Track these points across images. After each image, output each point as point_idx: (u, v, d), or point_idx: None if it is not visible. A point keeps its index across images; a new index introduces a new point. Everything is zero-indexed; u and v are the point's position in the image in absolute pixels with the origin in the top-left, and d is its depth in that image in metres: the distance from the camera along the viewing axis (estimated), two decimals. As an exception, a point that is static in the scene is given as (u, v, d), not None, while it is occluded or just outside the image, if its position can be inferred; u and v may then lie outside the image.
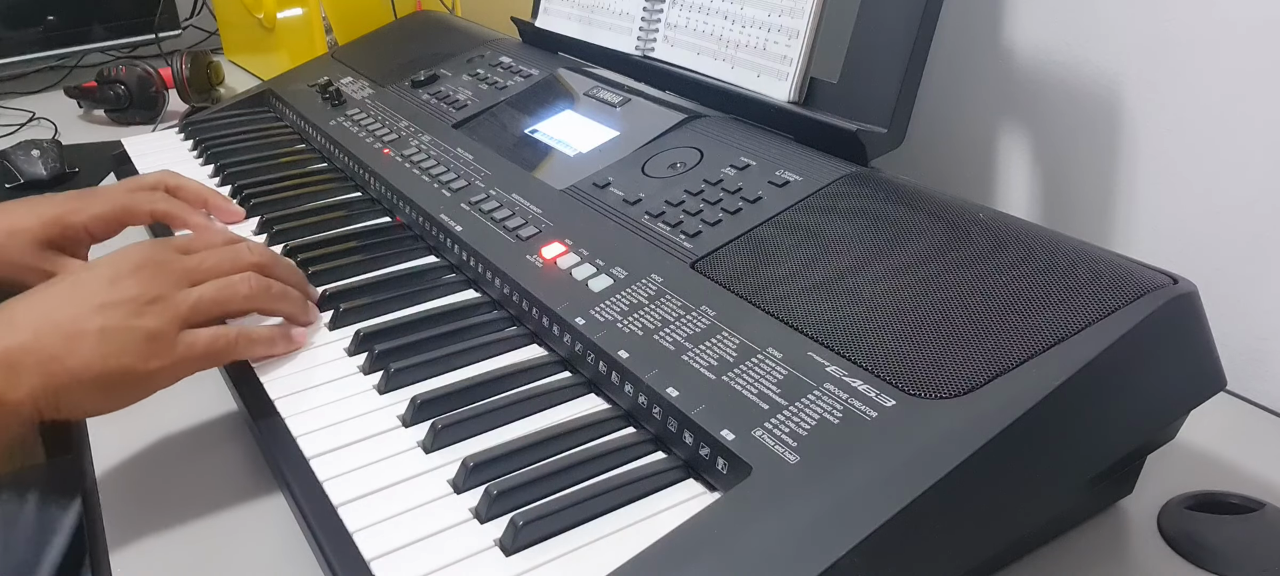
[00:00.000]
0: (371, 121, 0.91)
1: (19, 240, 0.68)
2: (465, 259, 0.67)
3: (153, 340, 0.51)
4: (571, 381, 0.55)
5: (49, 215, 0.69)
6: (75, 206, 0.71)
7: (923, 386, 0.44)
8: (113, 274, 0.53)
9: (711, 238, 0.59)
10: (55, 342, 0.49)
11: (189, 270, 0.55)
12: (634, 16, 0.84)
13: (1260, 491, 0.54)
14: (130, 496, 0.54)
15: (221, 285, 0.56)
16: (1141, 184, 0.71)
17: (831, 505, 0.40)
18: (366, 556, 0.43)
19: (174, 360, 0.52)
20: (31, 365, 0.48)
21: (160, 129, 1.19)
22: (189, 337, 0.53)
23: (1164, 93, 0.68)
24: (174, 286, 0.54)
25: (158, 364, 0.51)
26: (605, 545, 0.44)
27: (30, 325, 0.49)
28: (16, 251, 0.68)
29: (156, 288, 0.53)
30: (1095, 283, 0.47)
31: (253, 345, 0.57)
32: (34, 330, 0.49)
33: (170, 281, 0.54)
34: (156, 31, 1.42)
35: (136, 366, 0.51)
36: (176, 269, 0.55)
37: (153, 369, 0.51)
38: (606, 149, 0.73)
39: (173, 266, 0.55)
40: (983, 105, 0.81)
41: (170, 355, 0.52)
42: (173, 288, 0.54)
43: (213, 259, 0.57)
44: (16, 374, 0.47)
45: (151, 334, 0.51)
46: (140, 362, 0.51)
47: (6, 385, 0.47)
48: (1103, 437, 0.46)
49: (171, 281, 0.54)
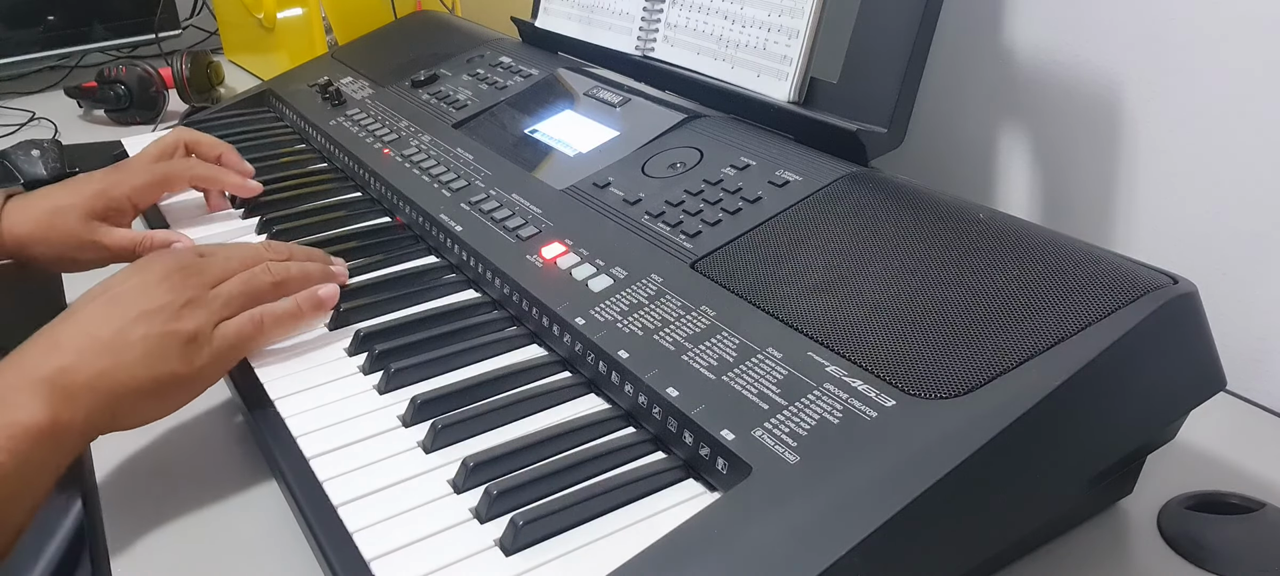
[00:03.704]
0: (371, 121, 0.91)
1: (66, 217, 0.72)
2: (465, 259, 0.67)
3: (192, 341, 0.53)
4: (571, 381, 0.55)
5: (92, 190, 0.74)
6: (117, 180, 0.76)
7: (923, 386, 0.44)
8: (142, 284, 0.54)
9: (711, 238, 0.59)
10: (101, 359, 0.50)
11: (212, 270, 0.57)
12: (634, 16, 0.84)
13: (1260, 491, 0.54)
14: (130, 497, 0.54)
15: (246, 277, 0.58)
16: (1141, 184, 0.71)
17: (831, 505, 0.40)
18: (366, 556, 0.43)
19: (214, 356, 0.54)
20: (82, 385, 0.49)
21: (160, 129, 1.19)
22: (223, 330, 0.55)
23: (1164, 93, 0.68)
24: (202, 288, 0.55)
25: (201, 363, 0.53)
26: (605, 545, 0.44)
27: (74, 346, 0.50)
28: (65, 227, 0.72)
29: (187, 292, 0.54)
30: (1095, 283, 0.47)
31: (279, 321, 0.58)
32: (77, 350, 0.50)
33: (198, 284, 0.55)
34: (156, 31, 1.42)
35: (181, 370, 0.52)
36: (201, 271, 0.56)
37: (197, 368, 0.53)
38: (606, 149, 0.73)
39: (197, 270, 0.56)
40: (983, 105, 0.81)
41: (209, 351, 0.53)
42: (201, 289, 0.55)
43: (235, 256, 0.59)
44: (71, 397, 0.48)
45: (190, 336, 0.53)
46: (184, 365, 0.52)
47: (63, 409, 0.48)
48: (1103, 437, 0.46)
49: (199, 284, 0.55)
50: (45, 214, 0.72)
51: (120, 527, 0.51)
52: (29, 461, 0.46)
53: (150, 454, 0.57)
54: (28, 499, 0.47)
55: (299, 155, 0.94)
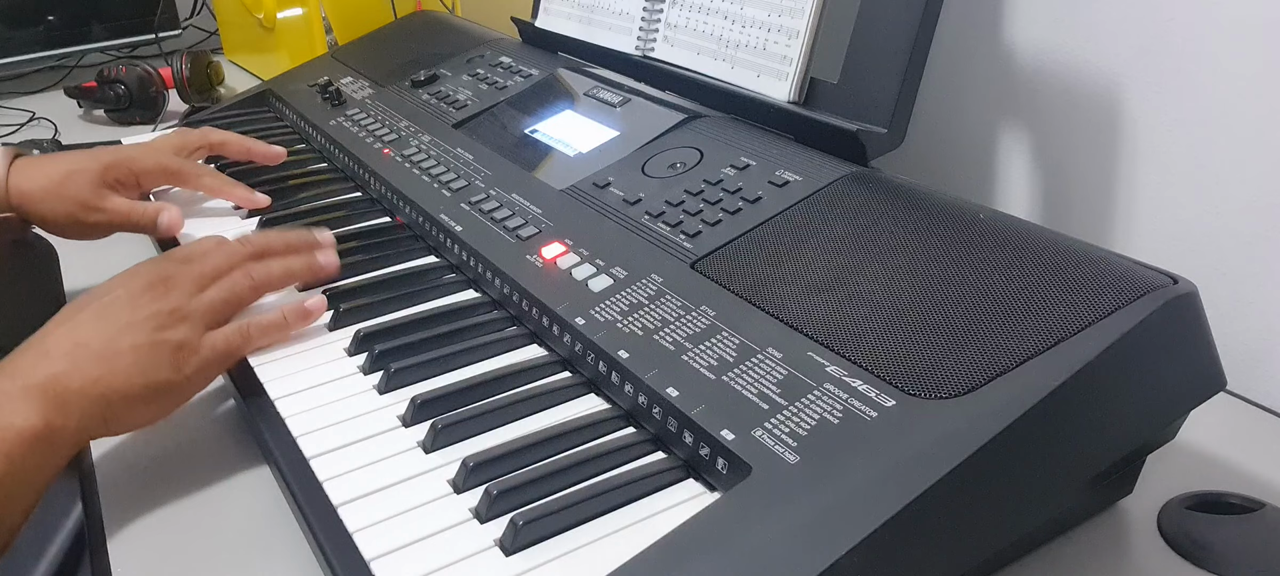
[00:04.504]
0: (371, 121, 0.91)
1: (79, 179, 0.75)
2: (465, 259, 0.67)
3: (180, 349, 0.54)
4: (571, 381, 0.55)
5: (108, 160, 0.77)
6: (133, 156, 0.79)
7: (923, 386, 0.44)
8: (128, 294, 0.55)
9: (711, 238, 0.59)
10: (94, 367, 0.51)
11: (195, 277, 0.58)
12: (634, 16, 0.84)
13: (1260, 491, 0.54)
14: (129, 497, 0.54)
15: (227, 284, 0.59)
16: (1141, 184, 0.71)
17: (831, 505, 0.40)
18: (366, 556, 0.43)
19: (202, 365, 0.55)
20: (75, 392, 0.50)
21: (160, 129, 1.19)
22: (210, 340, 0.56)
23: (1164, 93, 0.68)
24: (187, 296, 0.56)
25: (189, 371, 0.54)
26: (605, 545, 0.44)
27: (65, 354, 0.51)
28: (76, 188, 0.74)
29: (172, 301, 0.55)
30: (1095, 283, 0.47)
31: (265, 332, 0.59)
32: (69, 358, 0.51)
33: (183, 292, 0.56)
34: (156, 31, 1.42)
35: (172, 377, 0.53)
36: (185, 279, 0.57)
37: (186, 376, 0.54)
38: (606, 149, 0.73)
39: (181, 277, 0.57)
40: (983, 105, 0.81)
41: (198, 360, 0.55)
42: (186, 298, 0.56)
43: (212, 262, 0.60)
44: (64, 403, 0.49)
45: (178, 344, 0.54)
46: (174, 373, 0.53)
47: (57, 414, 0.49)
48: (1103, 437, 0.46)
49: (184, 292, 0.56)
50: (60, 173, 0.75)
51: (119, 525, 0.51)
52: (24, 466, 0.47)
53: (149, 454, 0.57)
54: (22, 502, 0.48)
55: (299, 155, 0.94)
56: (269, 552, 0.49)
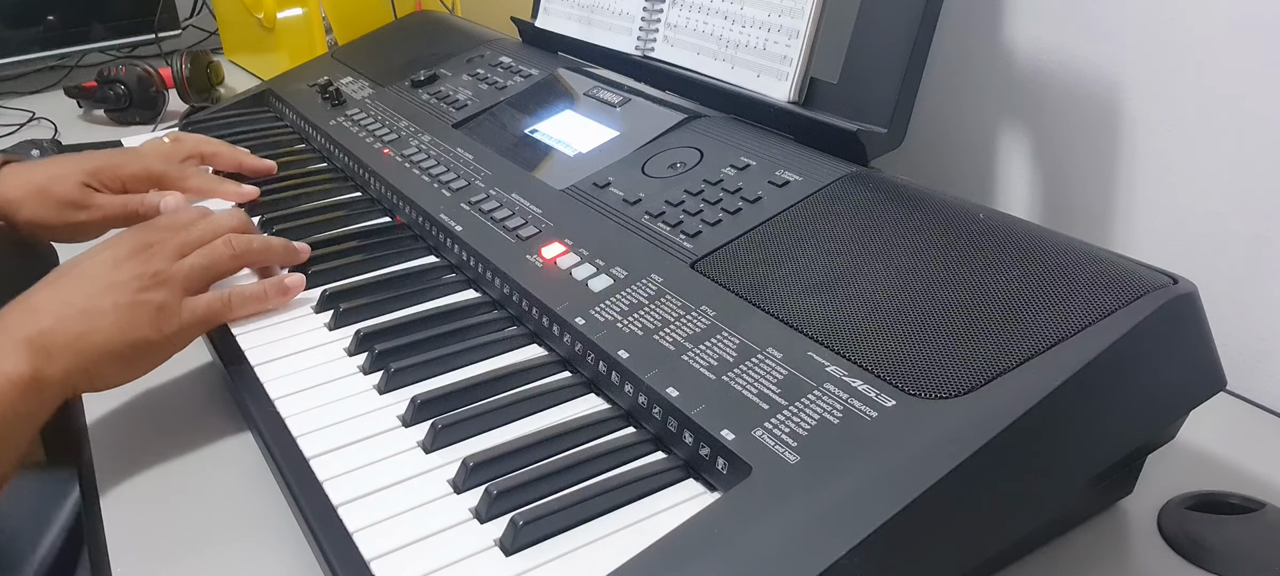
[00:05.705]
0: (371, 121, 0.91)
1: (64, 183, 0.76)
2: (465, 259, 0.67)
3: (161, 310, 0.57)
4: (571, 381, 0.55)
5: (93, 165, 0.78)
6: (119, 161, 0.80)
7: (923, 386, 0.44)
8: (113, 258, 0.58)
9: (711, 238, 0.59)
10: (78, 324, 0.54)
11: (178, 245, 0.61)
12: (634, 16, 0.84)
13: (1260, 491, 0.54)
14: (129, 497, 0.54)
15: (207, 251, 0.62)
16: (1141, 184, 0.71)
17: (831, 505, 0.40)
18: (366, 556, 0.43)
19: (181, 326, 0.58)
20: (61, 346, 0.53)
21: (160, 129, 1.19)
22: (190, 304, 0.59)
23: (1164, 93, 0.68)
24: (168, 261, 0.59)
25: (169, 331, 0.57)
26: (605, 545, 0.44)
27: (51, 311, 0.54)
28: (62, 190, 0.75)
29: (155, 265, 0.58)
30: (1095, 283, 0.47)
31: (245, 302, 0.62)
32: (55, 315, 0.54)
33: (164, 258, 0.59)
34: (156, 31, 1.42)
35: (152, 336, 0.56)
36: (167, 245, 0.60)
37: (166, 335, 0.57)
38: (606, 149, 0.73)
39: (164, 244, 0.60)
40: (983, 105, 0.81)
41: (177, 322, 0.58)
42: (167, 262, 0.59)
43: (196, 231, 0.63)
44: (50, 355, 0.52)
45: (159, 305, 0.57)
46: (154, 332, 0.56)
47: (44, 364, 0.52)
48: (1103, 438, 0.46)
49: (165, 257, 0.59)
50: (44, 178, 0.76)
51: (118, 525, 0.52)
52: (14, 411, 0.50)
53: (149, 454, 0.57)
54: (11, 449, 0.51)
55: (299, 155, 0.94)
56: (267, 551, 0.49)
